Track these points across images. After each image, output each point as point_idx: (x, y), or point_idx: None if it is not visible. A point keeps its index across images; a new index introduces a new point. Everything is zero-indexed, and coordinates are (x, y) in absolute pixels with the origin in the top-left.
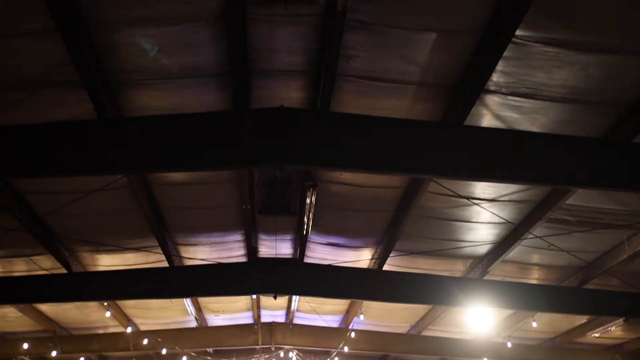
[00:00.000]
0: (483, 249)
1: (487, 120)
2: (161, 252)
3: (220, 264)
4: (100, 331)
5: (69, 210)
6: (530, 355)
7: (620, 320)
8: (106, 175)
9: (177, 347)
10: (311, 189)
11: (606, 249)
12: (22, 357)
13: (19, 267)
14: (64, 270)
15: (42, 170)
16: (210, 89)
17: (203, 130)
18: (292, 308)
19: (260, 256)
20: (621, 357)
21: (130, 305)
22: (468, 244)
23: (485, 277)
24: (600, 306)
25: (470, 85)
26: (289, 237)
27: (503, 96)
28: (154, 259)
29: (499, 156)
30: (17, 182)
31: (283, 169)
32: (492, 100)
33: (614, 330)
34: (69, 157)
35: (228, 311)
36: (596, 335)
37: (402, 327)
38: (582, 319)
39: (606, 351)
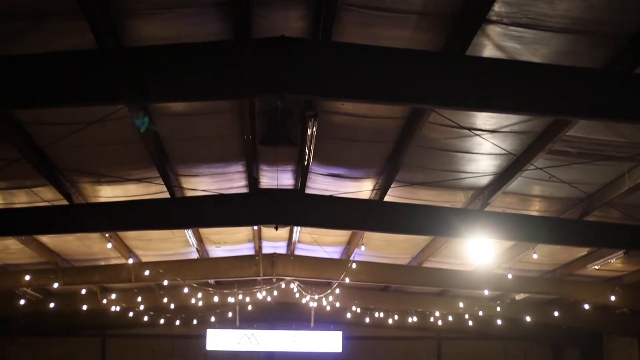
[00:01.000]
0: (484, 180)
1: (489, 51)
2: (162, 183)
3: (221, 195)
4: (102, 263)
5: (70, 141)
6: (530, 286)
7: (621, 253)
8: (107, 106)
9: (178, 279)
10: (312, 119)
11: (607, 181)
12: (24, 288)
13: (20, 199)
14: (65, 202)
15: (42, 100)
16: (211, 19)
17: (204, 60)
18: (294, 239)
19: (262, 187)
20: (620, 289)
21: (132, 237)
22: (469, 175)
23: (486, 209)
24: (601, 238)
25: (472, 15)
26: (290, 167)
27: (504, 26)
28: (155, 190)
29: (500, 87)
30: (17, 113)
31: (284, 98)
32: (493, 30)
33: (614, 263)
34: (69, 88)
35: (229, 242)
36: (596, 267)
37: (403, 259)
38: (583, 251)
39: (606, 283)
